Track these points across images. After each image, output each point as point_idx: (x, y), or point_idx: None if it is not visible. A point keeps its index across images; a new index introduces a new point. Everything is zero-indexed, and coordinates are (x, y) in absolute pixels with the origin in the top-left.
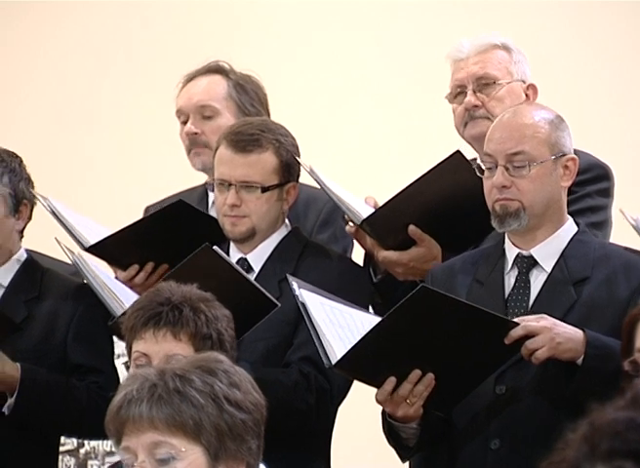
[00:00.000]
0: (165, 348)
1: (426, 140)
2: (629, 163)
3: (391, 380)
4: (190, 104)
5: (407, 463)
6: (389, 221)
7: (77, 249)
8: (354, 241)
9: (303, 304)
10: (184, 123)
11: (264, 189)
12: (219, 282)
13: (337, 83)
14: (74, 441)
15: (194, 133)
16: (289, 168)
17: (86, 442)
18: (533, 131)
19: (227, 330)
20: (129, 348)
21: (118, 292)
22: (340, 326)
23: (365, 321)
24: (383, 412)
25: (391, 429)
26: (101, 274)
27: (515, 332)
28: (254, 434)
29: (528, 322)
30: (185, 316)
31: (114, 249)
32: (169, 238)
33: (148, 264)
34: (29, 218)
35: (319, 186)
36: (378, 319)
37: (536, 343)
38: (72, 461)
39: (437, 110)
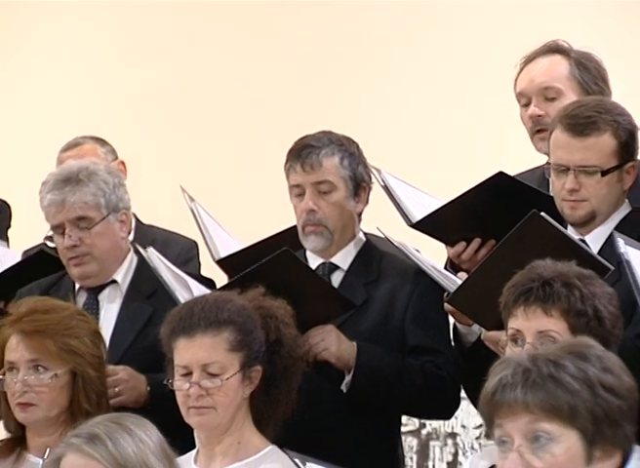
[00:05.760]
0: (536, 325)
1: None
2: None
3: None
4: (533, 86)
5: None
6: None
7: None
8: None
9: (628, 262)
10: (526, 105)
11: (604, 173)
12: (547, 250)
13: None
14: (416, 421)
15: (538, 115)
16: (627, 147)
17: (427, 423)
18: None
19: (607, 307)
20: (505, 325)
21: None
22: None
23: None
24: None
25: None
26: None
27: None
28: (630, 419)
29: None
30: (556, 291)
31: (440, 224)
32: (496, 213)
33: (475, 241)
34: (367, 202)
35: None
36: None
37: None
38: (415, 442)
39: None
